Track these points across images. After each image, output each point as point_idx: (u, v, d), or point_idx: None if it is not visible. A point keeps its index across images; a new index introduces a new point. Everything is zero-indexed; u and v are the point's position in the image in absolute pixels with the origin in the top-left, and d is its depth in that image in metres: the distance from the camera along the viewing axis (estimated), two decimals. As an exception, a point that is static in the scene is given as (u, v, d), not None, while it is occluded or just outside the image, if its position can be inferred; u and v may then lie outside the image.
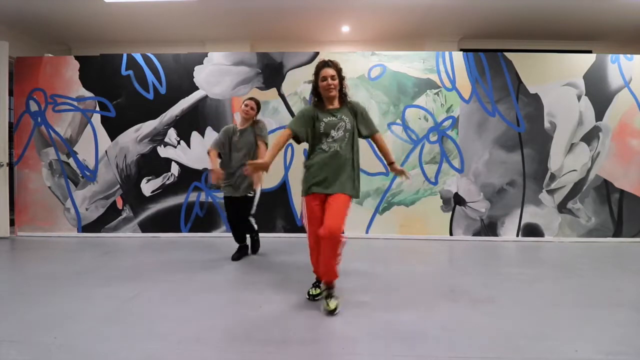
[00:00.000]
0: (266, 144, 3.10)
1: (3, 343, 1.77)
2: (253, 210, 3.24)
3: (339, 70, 2.22)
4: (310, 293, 2.32)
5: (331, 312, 2.09)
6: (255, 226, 3.31)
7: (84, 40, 5.20)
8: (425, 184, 4.13)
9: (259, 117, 3.24)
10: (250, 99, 3.18)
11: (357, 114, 2.29)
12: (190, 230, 4.20)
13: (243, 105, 3.11)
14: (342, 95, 2.28)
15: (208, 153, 3.21)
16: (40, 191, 4.20)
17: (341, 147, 2.21)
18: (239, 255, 3.24)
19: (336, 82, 2.20)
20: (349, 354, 1.69)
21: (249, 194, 3.14)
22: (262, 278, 2.75)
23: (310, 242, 2.31)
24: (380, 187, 4.14)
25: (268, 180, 4.00)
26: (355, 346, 1.76)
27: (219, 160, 3.16)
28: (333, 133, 2.20)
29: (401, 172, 2.36)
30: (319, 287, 2.33)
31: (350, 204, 2.25)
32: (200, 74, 4.16)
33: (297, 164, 4.15)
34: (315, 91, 2.27)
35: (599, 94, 4.05)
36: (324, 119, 2.22)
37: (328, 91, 2.20)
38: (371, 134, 2.34)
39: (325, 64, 2.21)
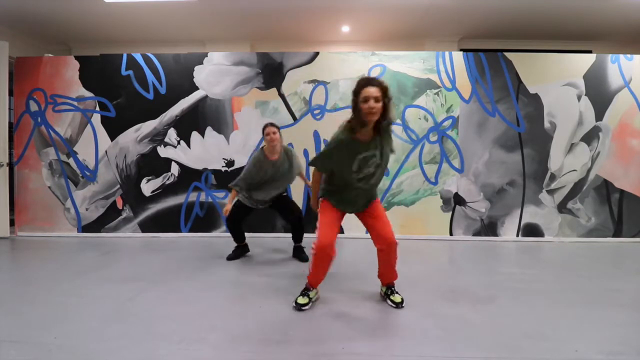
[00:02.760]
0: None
1: (3, 343, 1.77)
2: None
3: (384, 92, 1.92)
4: (297, 301, 2.18)
5: (399, 305, 2.21)
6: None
7: (84, 40, 5.19)
8: (425, 184, 4.13)
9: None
10: (267, 125, 2.96)
11: (384, 146, 2.07)
12: (190, 230, 4.20)
13: (265, 136, 2.94)
14: (381, 123, 1.97)
15: (229, 189, 3.09)
16: (40, 191, 4.20)
17: (368, 184, 2.12)
18: (234, 255, 3.24)
19: (379, 105, 1.90)
20: (349, 354, 1.69)
21: (283, 193, 3.21)
22: (261, 278, 2.75)
23: (316, 243, 2.08)
24: (380, 187, 4.13)
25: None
26: (355, 346, 1.76)
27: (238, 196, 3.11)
28: (364, 170, 2.05)
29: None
30: (308, 296, 2.22)
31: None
32: (200, 74, 4.16)
33: (297, 164, 4.15)
34: (355, 109, 1.96)
35: (599, 94, 4.05)
36: (358, 156, 2.01)
37: (370, 115, 1.90)
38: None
39: (370, 81, 1.92)
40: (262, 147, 3.07)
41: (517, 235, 4.10)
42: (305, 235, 3.29)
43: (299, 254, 3.26)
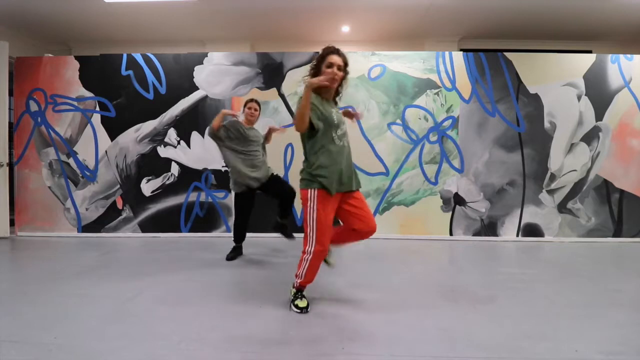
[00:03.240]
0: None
1: (3, 343, 1.77)
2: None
3: (345, 64, 2.08)
4: (299, 305, 2.12)
5: (331, 265, 2.33)
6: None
7: (84, 40, 5.20)
8: (425, 184, 4.13)
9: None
10: (252, 100, 3.18)
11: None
12: (190, 230, 4.20)
13: (246, 109, 3.14)
14: (336, 94, 2.16)
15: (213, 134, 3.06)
16: (40, 191, 4.20)
17: (347, 142, 2.14)
18: (234, 255, 3.25)
19: (341, 74, 2.06)
20: (349, 354, 1.69)
21: (274, 173, 3.24)
22: (261, 278, 2.75)
23: (316, 248, 2.03)
24: (380, 187, 4.14)
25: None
26: (355, 346, 1.76)
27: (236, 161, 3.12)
28: (342, 126, 2.10)
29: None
30: (305, 297, 2.19)
31: None
32: (200, 74, 4.16)
33: (297, 164, 4.15)
34: (316, 73, 2.07)
35: (599, 94, 4.05)
36: (334, 111, 2.07)
37: (332, 81, 2.02)
38: None
39: (336, 50, 2.05)
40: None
41: (517, 235, 4.10)
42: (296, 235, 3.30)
43: (283, 230, 3.23)
